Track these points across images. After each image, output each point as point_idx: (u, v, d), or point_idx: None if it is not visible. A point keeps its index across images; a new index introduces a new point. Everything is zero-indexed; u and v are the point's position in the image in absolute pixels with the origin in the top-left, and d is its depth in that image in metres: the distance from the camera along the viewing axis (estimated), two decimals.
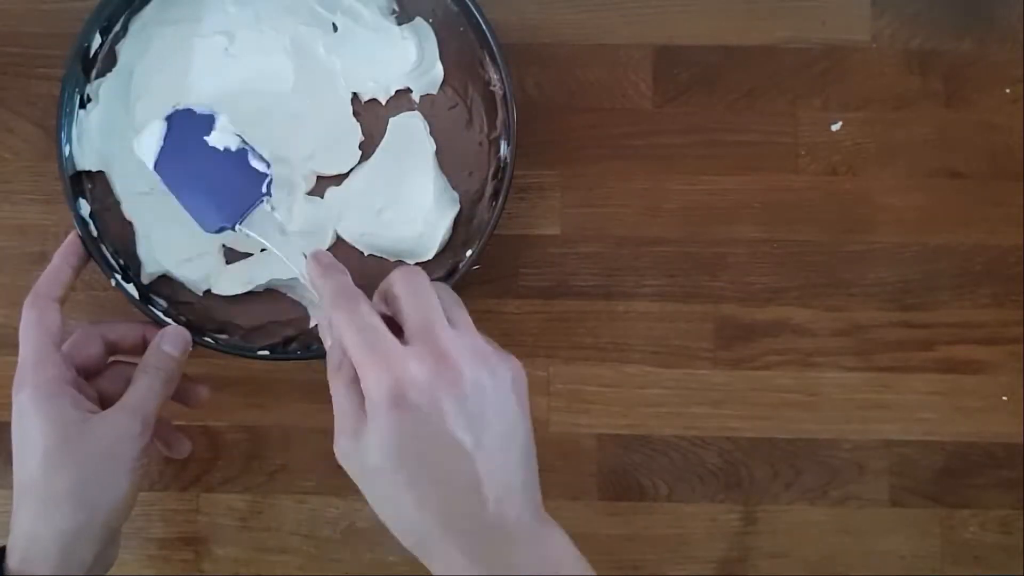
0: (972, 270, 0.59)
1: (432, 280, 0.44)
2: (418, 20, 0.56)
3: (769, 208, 0.60)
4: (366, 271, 0.55)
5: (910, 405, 0.59)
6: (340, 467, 0.59)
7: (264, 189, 0.52)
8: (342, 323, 0.42)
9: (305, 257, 0.48)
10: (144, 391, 0.50)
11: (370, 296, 0.45)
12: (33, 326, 0.49)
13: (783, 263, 0.60)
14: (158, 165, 0.52)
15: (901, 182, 0.60)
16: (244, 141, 0.52)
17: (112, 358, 0.54)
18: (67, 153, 0.54)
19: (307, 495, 0.59)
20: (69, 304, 0.53)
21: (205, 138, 0.52)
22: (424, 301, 0.43)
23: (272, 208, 0.52)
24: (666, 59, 0.60)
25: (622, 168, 0.60)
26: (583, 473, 0.59)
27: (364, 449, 0.41)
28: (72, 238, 0.53)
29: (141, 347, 0.53)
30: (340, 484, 0.59)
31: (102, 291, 0.59)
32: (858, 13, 0.60)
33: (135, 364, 0.52)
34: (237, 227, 0.52)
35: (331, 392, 0.44)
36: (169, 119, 0.52)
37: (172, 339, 0.52)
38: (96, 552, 0.48)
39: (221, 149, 0.52)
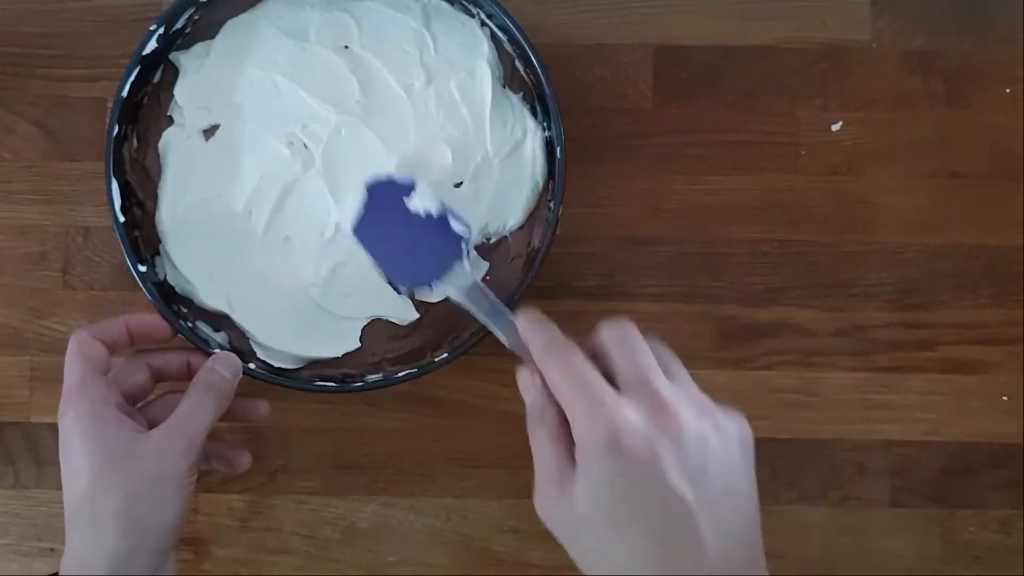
0: (972, 270, 0.59)
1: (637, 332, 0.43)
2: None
3: (769, 208, 0.60)
4: None
5: (910, 405, 0.59)
6: (340, 467, 0.59)
7: (463, 248, 0.52)
8: (554, 370, 0.41)
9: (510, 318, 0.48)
10: (191, 409, 0.49)
11: None
12: (76, 353, 0.49)
13: (783, 263, 0.60)
14: (357, 229, 0.53)
15: (901, 182, 0.60)
16: (445, 206, 0.53)
17: (161, 388, 0.53)
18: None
19: (307, 495, 0.59)
20: (68, 305, 0.53)
21: (406, 200, 0.53)
22: (637, 352, 0.42)
23: (469, 268, 0.52)
24: (666, 59, 0.60)
25: (622, 168, 0.60)
26: None
27: (572, 499, 0.39)
28: (155, 319, 0.53)
29: (187, 374, 0.52)
30: (340, 484, 0.59)
31: (101, 291, 0.59)
32: (858, 13, 0.60)
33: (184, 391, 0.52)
34: (434, 285, 0.52)
35: (532, 444, 0.42)
36: (370, 187, 0.53)
37: (223, 362, 0.51)
38: (148, 573, 0.47)
39: (422, 214, 0.53)
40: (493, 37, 0.57)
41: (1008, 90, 0.60)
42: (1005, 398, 0.59)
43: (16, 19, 0.59)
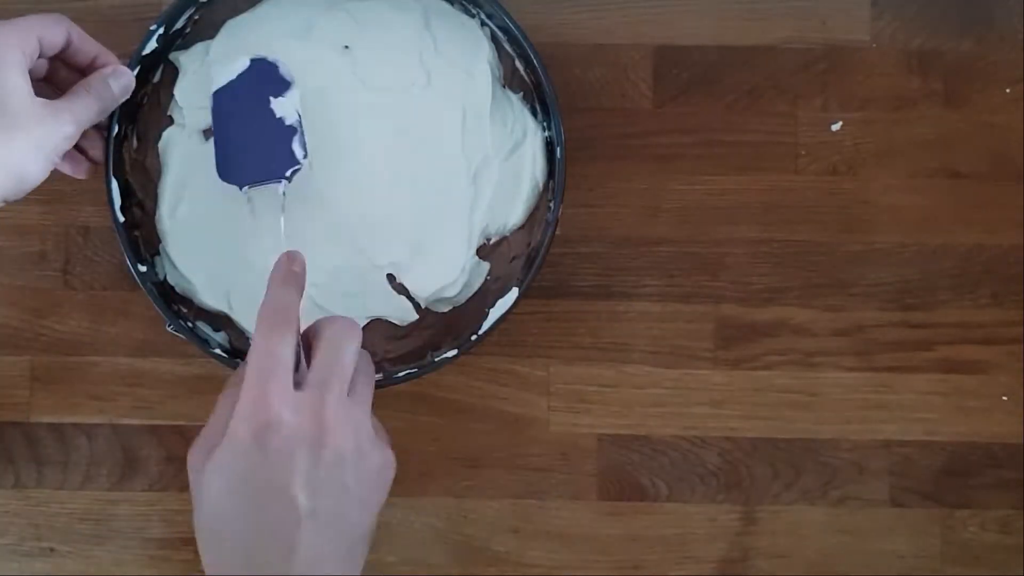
0: (972, 270, 0.59)
1: (363, 345, 0.44)
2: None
3: (769, 208, 0.60)
4: None
5: (910, 405, 0.59)
6: None
7: (288, 173, 0.52)
8: (254, 340, 0.42)
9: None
10: (82, 105, 0.49)
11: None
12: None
13: (783, 263, 0.60)
14: (218, 94, 0.53)
15: (901, 182, 0.60)
16: (300, 122, 0.53)
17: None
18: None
19: None
20: (68, 305, 0.53)
21: (271, 97, 0.53)
22: (337, 357, 0.43)
23: (284, 193, 0.52)
24: (666, 59, 0.60)
25: (622, 168, 0.60)
26: (583, 473, 0.59)
27: (208, 468, 0.41)
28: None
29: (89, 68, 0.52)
30: None
31: (101, 291, 0.59)
32: (858, 13, 0.60)
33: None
34: (244, 189, 0.53)
35: (220, 398, 0.43)
36: (253, 62, 0.53)
37: (118, 76, 0.51)
38: None
39: (276, 116, 0.53)
40: (493, 37, 0.57)
41: (1008, 90, 0.60)
42: (1005, 398, 0.59)
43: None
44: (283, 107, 0.53)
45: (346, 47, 0.56)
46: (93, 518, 0.59)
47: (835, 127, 0.60)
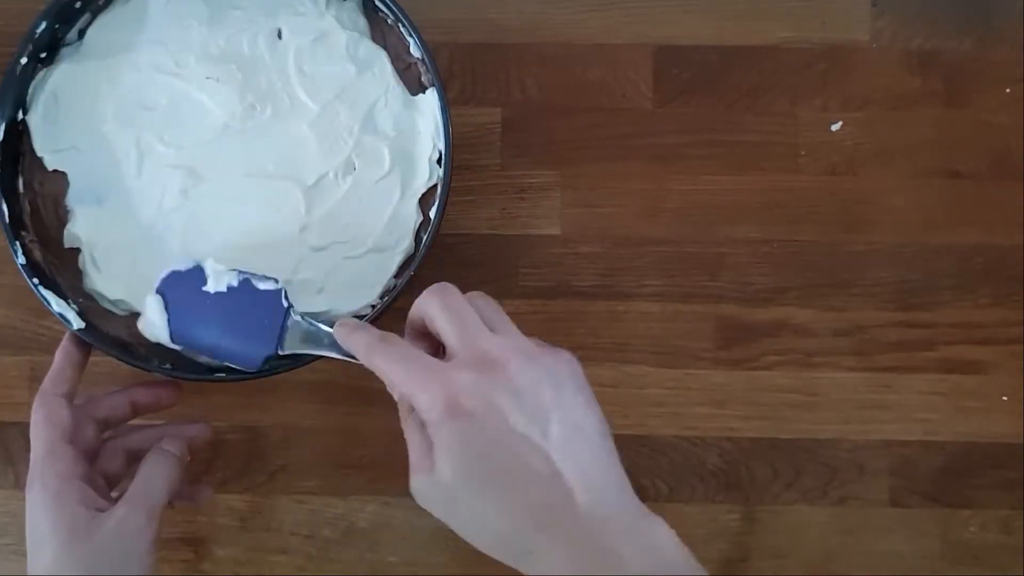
0: (972, 270, 0.59)
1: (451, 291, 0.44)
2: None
3: (769, 208, 0.60)
4: None
5: (910, 405, 0.59)
6: (340, 467, 0.59)
7: (284, 303, 0.51)
8: (381, 365, 0.42)
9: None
10: (146, 486, 0.49)
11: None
12: (42, 423, 0.49)
13: (783, 263, 0.60)
14: (174, 337, 0.51)
15: (901, 182, 0.60)
16: (241, 271, 0.51)
17: (106, 434, 0.53)
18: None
19: (307, 495, 0.59)
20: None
21: (204, 288, 0.51)
22: (458, 314, 0.42)
23: (301, 317, 0.51)
24: (666, 59, 0.60)
25: (622, 168, 0.60)
26: None
27: (436, 474, 0.40)
28: (69, 335, 0.53)
29: (131, 415, 0.53)
30: (340, 484, 0.59)
31: None
32: (858, 13, 0.60)
33: (128, 435, 0.53)
34: (280, 351, 0.51)
35: (406, 438, 0.43)
36: (160, 289, 0.51)
37: (173, 441, 0.52)
38: None
39: (225, 290, 0.51)
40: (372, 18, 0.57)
41: (1008, 90, 0.60)
42: (1005, 398, 0.59)
43: (17, 19, 0.59)
44: (217, 283, 0.51)
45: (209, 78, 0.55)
46: None
47: (835, 127, 0.60)
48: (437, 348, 0.44)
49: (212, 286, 0.51)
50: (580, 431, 0.41)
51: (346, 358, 0.47)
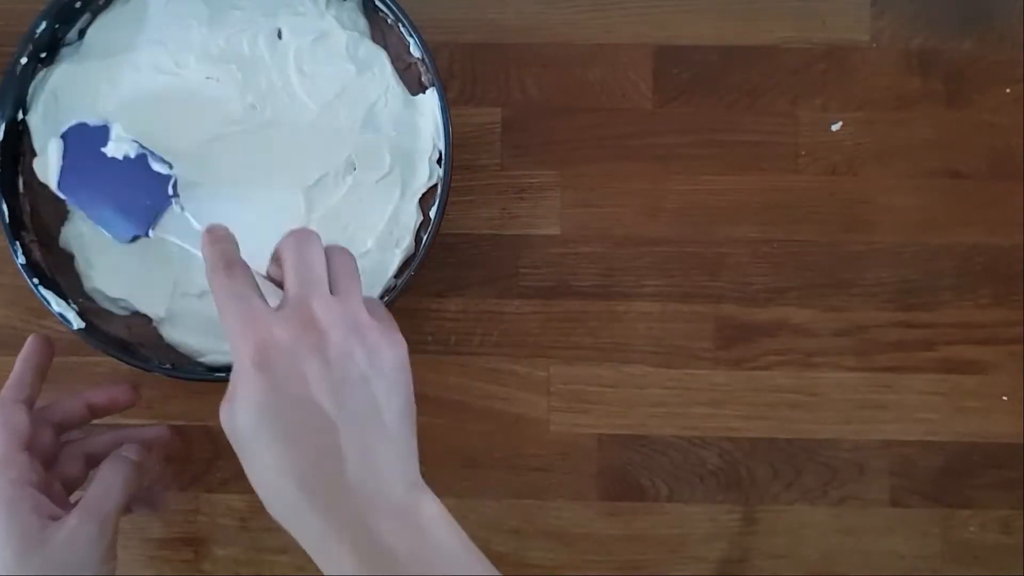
0: (972, 270, 0.59)
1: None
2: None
3: (769, 208, 0.60)
4: None
5: (910, 405, 0.59)
6: None
7: (170, 191, 0.51)
8: (215, 289, 0.42)
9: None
10: (102, 494, 0.49)
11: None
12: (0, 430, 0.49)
13: (783, 263, 0.60)
14: (61, 184, 0.52)
15: (901, 182, 0.60)
16: (142, 146, 0.52)
17: (66, 436, 0.53)
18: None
19: None
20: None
21: (103, 149, 0.52)
22: (306, 264, 0.43)
23: (182, 208, 0.51)
24: (666, 59, 0.60)
25: (622, 168, 0.60)
26: (583, 473, 0.59)
27: (234, 412, 0.41)
28: (31, 340, 0.53)
29: (89, 417, 0.53)
30: None
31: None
32: (858, 13, 0.60)
33: (87, 439, 0.53)
34: (151, 233, 0.51)
35: None
36: (64, 136, 0.52)
37: (131, 447, 0.52)
38: None
39: (120, 158, 0.52)
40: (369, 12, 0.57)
41: (1008, 90, 0.60)
42: (1005, 398, 0.59)
43: (17, 18, 0.59)
44: (118, 148, 0.52)
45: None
46: None
47: (835, 127, 0.60)
48: None
49: (111, 150, 0.52)
50: (379, 412, 0.41)
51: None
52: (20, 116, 0.55)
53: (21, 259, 0.53)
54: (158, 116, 0.55)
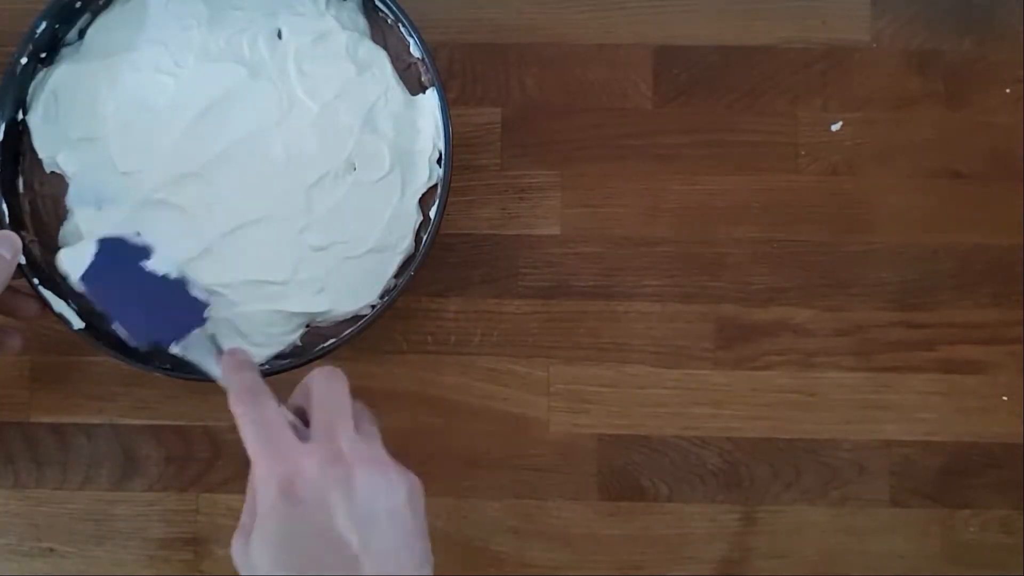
0: (972, 270, 0.59)
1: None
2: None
3: (769, 208, 0.60)
4: None
5: (910, 405, 0.59)
6: None
7: (204, 316, 0.51)
8: (241, 417, 0.42)
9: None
10: None
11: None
12: None
13: (783, 263, 0.60)
14: (85, 277, 0.51)
15: (901, 182, 0.60)
16: (183, 274, 0.51)
17: None
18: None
19: None
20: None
21: (143, 264, 0.51)
22: (334, 401, 0.43)
23: (211, 337, 0.51)
24: (666, 59, 0.60)
25: (622, 168, 0.60)
26: (583, 473, 0.59)
27: (250, 547, 0.40)
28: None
29: None
30: None
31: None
32: (858, 13, 0.60)
33: None
34: (175, 347, 0.50)
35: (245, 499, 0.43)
36: (101, 242, 0.51)
37: (3, 242, 0.50)
38: None
39: (159, 275, 0.51)
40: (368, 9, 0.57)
41: (1008, 90, 0.60)
42: (1005, 398, 0.59)
43: (17, 19, 0.59)
44: (158, 266, 0.51)
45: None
46: (93, 518, 0.59)
47: (835, 127, 0.60)
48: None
49: (152, 267, 0.51)
50: (402, 549, 0.41)
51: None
52: (20, 116, 0.55)
53: (21, 259, 0.53)
54: (157, 116, 0.55)
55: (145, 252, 0.51)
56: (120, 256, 0.51)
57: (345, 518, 0.40)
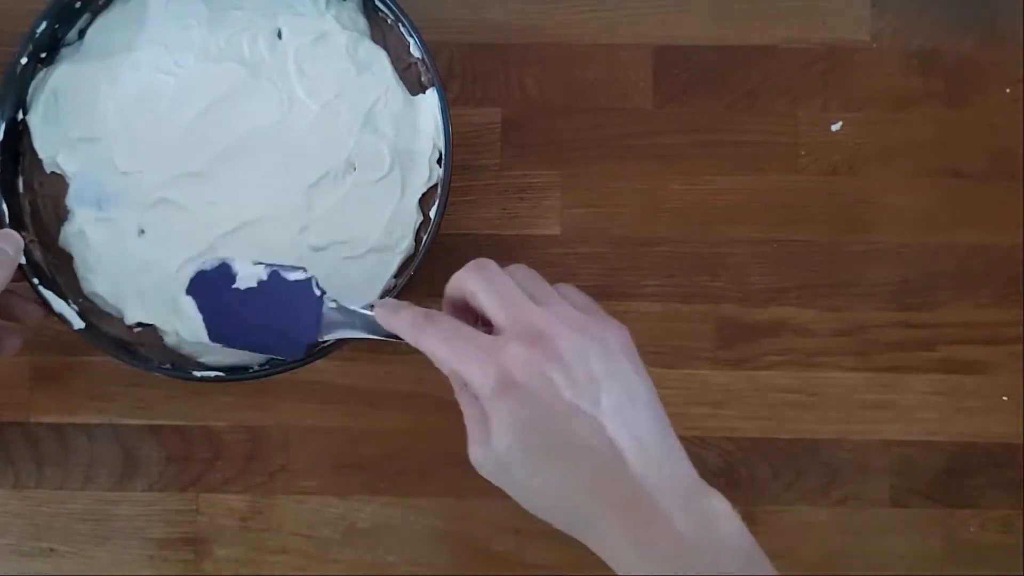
0: (972, 270, 0.59)
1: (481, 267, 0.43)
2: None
3: (769, 208, 0.60)
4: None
5: (910, 405, 0.59)
6: (340, 467, 0.59)
7: (317, 291, 0.50)
8: (429, 345, 0.42)
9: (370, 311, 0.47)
10: None
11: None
12: None
13: (783, 263, 0.60)
14: (212, 335, 0.51)
15: (901, 182, 0.60)
16: (267, 265, 0.51)
17: None
18: None
19: (307, 495, 0.59)
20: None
21: (234, 286, 0.51)
22: (501, 288, 0.43)
23: (336, 303, 0.50)
24: (666, 59, 0.60)
25: (622, 168, 0.60)
26: None
27: (493, 446, 0.41)
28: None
29: None
30: (340, 484, 0.59)
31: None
32: (858, 13, 0.60)
33: None
34: (322, 338, 0.50)
35: (463, 411, 0.43)
36: (190, 290, 0.51)
37: (5, 238, 0.50)
38: None
39: (255, 285, 0.51)
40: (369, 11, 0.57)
41: (1008, 90, 0.60)
42: (1005, 398, 0.59)
43: (17, 19, 0.59)
44: (247, 278, 0.51)
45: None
46: (93, 518, 0.59)
47: (835, 127, 0.60)
48: (476, 322, 0.44)
49: (242, 283, 0.51)
50: (632, 399, 0.41)
51: (386, 338, 0.47)
52: (20, 116, 0.55)
53: (21, 259, 0.53)
54: (158, 116, 0.55)
55: (227, 268, 0.51)
56: (213, 288, 0.51)
57: (569, 388, 0.40)
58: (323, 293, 0.50)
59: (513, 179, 0.60)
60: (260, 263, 0.51)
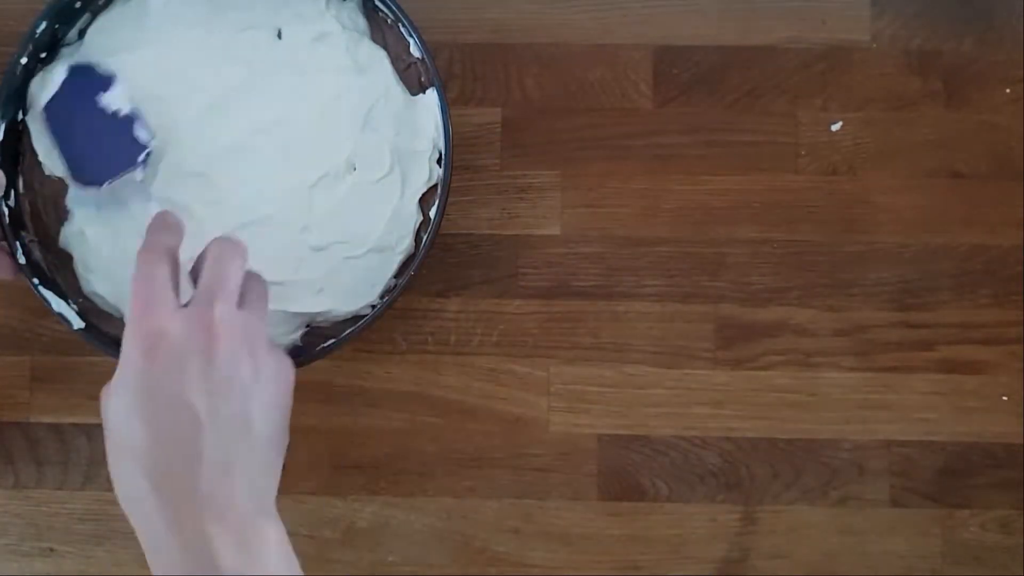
0: (972, 270, 0.59)
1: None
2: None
3: (769, 208, 0.60)
4: None
5: (910, 405, 0.59)
6: (340, 467, 0.59)
7: (141, 158, 0.52)
8: (137, 267, 0.42)
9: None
10: None
11: None
12: None
13: (783, 263, 0.60)
14: (48, 107, 0.53)
15: (901, 182, 0.60)
16: (136, 110, 0.53)
17: None
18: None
19: (307, 495, 0.59)
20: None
21: (99, 97, 0.52)
22: (221, 271, 0.43)
23: (143, 179, 0.52)
24: (666, 59, 0.60)
25: (622, 168, 0.60)
26: (583, 473, 0.59)
27: (109, 393, 0.41)
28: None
29: None
30: (340, 484, 0.59)
31: None
32: (858, 13, 0.60)
33: None
34: (105, 186, 0.52)
35: None
36: (72, 68, 0.53)
37: None
38: None
39: (110, 111, 0.52)
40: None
41: (1008, 90, 0.60)
42: (1005, 398, 0.59)
43: (16, 19, 0.59)
44: (113, 101, 0.53)
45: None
46: (93, 518, 0.59)
47: (835, 127, 0.60)
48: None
49: (107, 101, 0.53)
50: (246, 432, 0.41)
51: None
52: (20, 116, 0.55)
53: (21, 259, 0.53)
54: (157, 115, 0.55)
55: (106, 83, 0.53)
56: (85, 87, 0.52)
57: (198, 384, 0.40)
58: (143, 165, 0.52)
59: (513, 179, 0.60)
60: (134, 105, 0.53)
